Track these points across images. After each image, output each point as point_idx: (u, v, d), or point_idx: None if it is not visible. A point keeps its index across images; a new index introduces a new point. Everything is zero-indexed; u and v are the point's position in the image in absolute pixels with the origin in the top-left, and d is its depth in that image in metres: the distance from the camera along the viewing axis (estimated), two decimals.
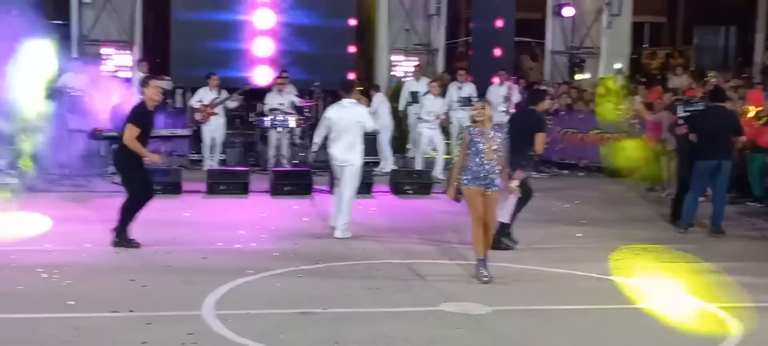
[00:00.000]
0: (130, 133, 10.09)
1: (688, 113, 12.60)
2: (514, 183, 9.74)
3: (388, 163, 17.41)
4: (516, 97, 18.51)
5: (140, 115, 10.27)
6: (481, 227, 8.99)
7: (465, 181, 8.99)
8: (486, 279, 8.91)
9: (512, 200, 10.28)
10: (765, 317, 8.04)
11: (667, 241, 11.51)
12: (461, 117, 17.79)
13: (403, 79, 20.50)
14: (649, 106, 16.33)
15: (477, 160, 8.93)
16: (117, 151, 10.71)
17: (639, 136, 16.34)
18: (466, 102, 17.73)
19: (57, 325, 7.26)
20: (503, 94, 18.04)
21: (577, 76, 21.93)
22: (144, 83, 10.58)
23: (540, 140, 10.47)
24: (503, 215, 10.27)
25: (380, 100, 18.08)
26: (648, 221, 12.93)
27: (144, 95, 10.41)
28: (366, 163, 17.44)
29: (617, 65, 22.01)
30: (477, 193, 8.96)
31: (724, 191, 11.91)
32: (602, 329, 7.62)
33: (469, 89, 18.32)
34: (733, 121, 12.02)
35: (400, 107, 18.87)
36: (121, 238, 10.26)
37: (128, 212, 10.31)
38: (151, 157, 10.46)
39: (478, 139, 8.95)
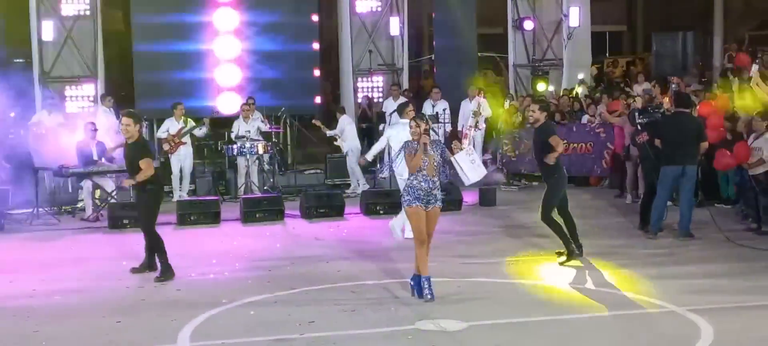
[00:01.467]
0: (150, 166, 10.31)
1: (645, 121, 12.73)
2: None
3: (359, 184, 17.45)
4: (486, 112, 18.61)
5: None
6: (424, 247, 9.01)
7: (408, 200, 9.01)
8: (428, 299, 8.88)
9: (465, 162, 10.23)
10: (735, 319, 8.16)
11: (638, 247, 11.65)
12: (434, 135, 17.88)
13: (379, 100, 20.63)
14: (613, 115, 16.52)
15: (419, 177, 8.96)
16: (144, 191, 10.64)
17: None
18: (434, 119, 17.82)
19: None
20: (473, 109, 18.13)
21: (542, 86, 22.09)
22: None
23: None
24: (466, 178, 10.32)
25: (347, 121, 18.14)
26: (618, 228, 13.06)
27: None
28: (337, 186, 17.66)
29: (580, 75, 22.22)
30: (419, 212, 8.96)
31: (690, 195, 12.05)
32: (578, 339, 7.68)
33: (442, 106, 18.43)
34: (697, 126, 12.17)
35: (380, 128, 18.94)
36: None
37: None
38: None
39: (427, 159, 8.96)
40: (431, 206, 9.02)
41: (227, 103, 19.75)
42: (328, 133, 18.06)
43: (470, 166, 10.32)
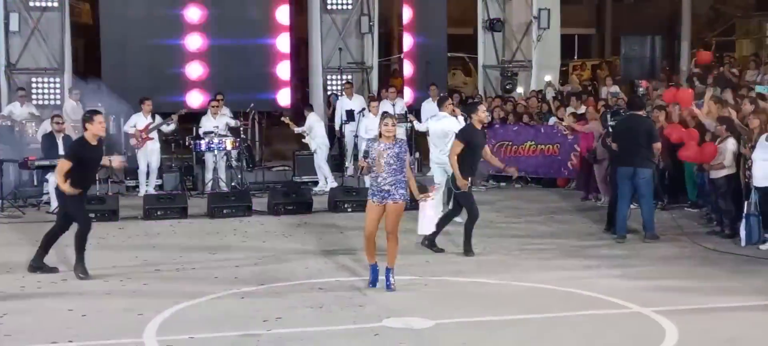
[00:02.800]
0: (61, 167, 10.03)
1: (613, 123, 12.91)
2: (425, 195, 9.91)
3: (328, 181, 17.42)
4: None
5: (77, 151, 10.17)
6: (371, 240, 9.31)
7: (369, 195, 9.35)
8: (368, 285, 9.32)
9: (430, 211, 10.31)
10: (700, 320, 8.26)
11: (603, 248, 11.73)
12: (399, 133, 17.90)
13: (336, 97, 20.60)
14: (582, 117, 16.63)
15: (372, 174, 9.25)
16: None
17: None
18: (402, 119, 17.84)
19: None
20: (434, 108, 18.19)
21: (509, 87, 22.19)
22: (87, 119, 10.28)
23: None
24: (427, 226, 10.41)
25: (315, 119, 18.10)
26: (584, 230, 13.14)
27: (86, 130, 10.23)
28: (305, 183, 17.63)
29: (547, 77, 22.34)
30: (375, 208, 9.24)
31: (648, 197, 12.13)
32: (543, 339, 7.73)
33: (400, 105, 18.45)
34: (648, 128, 12.29)
35: (336, 126, 18.99)
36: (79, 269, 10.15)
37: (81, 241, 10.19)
38: (66, 190, 9.96)
39: (373, 155, 9.21)
40: (387, 201, 9.18)
41: (195, 99, 19.65)
42: (297, 130, 18.02)
43: (428, 217, 10.30)
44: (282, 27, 20.80)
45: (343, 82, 20.42)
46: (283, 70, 20.86)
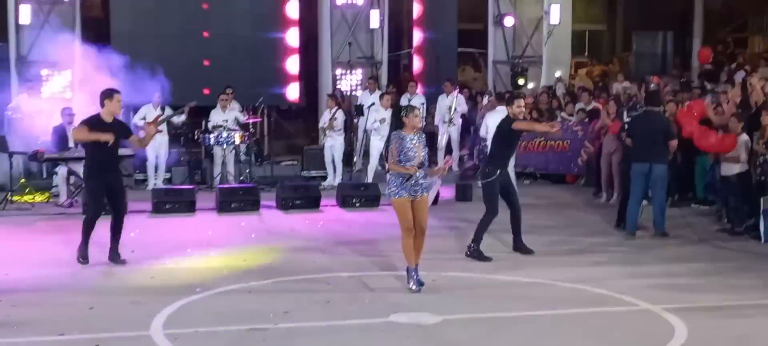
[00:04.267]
0: (77, 132, 10.19)
1: (630, 119, 12.85)
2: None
3: (337, 176, 17.38)
4: (462, 107, 18.64)
5: (89, 122, 10.21)
6: (412, 236, 9.05)
7: (393, 191, 9.03)
8: (414, 289, 8.98)
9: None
10: (709, 318, 8.21)
11: (613, 245, 11.69)
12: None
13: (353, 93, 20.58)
14: (593, 113, 16.57)
15: (409, 166, 8.96)
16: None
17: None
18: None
19: None
20: (448, 104, 18.17)
21: (520, 82, 22.12)
22: (108, 96, 10.31)
23: None
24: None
25: (341, 114, 18.02)
26: (594, 227, 13.10)
27: (104, 107, 10.27)
28: (313, 178, 17.61)
29: (557, 73, 22.28)
30: (406, 203, 9.01)
31: (661, 194, 12.08)
32: (551, 335, 7.70)
33: (418, 101, 18.42)
34: (666, 125, 12.23)
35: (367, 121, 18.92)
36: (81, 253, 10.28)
37: (86, 226, 10.32)
38: (103, 138, 10.01)
39: (409, 146, 8.98)
40: (418, 196, 9.03)
41: (205, 92, 19.61)
42: (327, 125, 17.68)
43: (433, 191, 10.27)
44: (292, 21, 20.77)
45: (368, 77, 20.40)
46: (293, 64, 20.83)
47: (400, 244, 9.20)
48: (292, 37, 20.81)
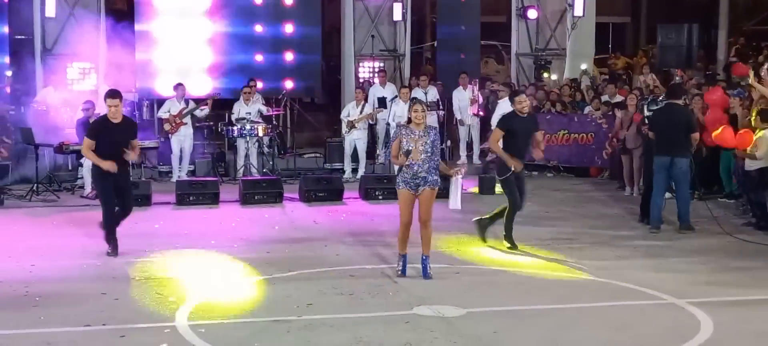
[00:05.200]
0: (85, 145, 10.28)
1: (651, 112, 12.78)
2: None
3: (361, 169, 17.40)
4: (480, 99, 18.60)
5: (98, 126, 10.29)
6: (407, 228, 9.24)
7: (398, 182, 9.23)
8: (398, 273, 9.25)
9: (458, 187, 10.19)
10: (736, 312, 8.15)
11: (637, 239, 11.63)
12: (430, 122, 17.90)
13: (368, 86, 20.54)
14: (618, 106, 16.48)
15: (407, 162, 9.10)
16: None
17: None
18: (434, 106, 17.82)
19: (29, 341, 7.20)
20: (469, 97, 18.13)
21: (546, 76, 22.03)
22: (110, 96, 10.40)
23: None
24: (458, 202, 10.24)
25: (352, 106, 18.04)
26: (618, 220, 13.04)
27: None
28: (336, 170, 17.64)
29: (583, 66, 22.16)
30: (408, 196, 9.16)
31: (685, 187, 12.00)
32: (575, 328, 7.67)
33: (433, 94, 18.39)
34: (687, 118, 12.13)
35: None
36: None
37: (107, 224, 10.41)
38: (104, 166, 10.15)
39: (407, 141, 9.10)
40: (421, 189, 9.13)
41: (228, 85, 19.65)
42: (357, 118, 17.65)
43: (460, 195, 10.17)
44: (315, 14, 20.70)
45: (377, 69, 20.36)
46: (315, 57, 20.79)
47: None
48: (316, 29, 20.75)
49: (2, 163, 16.15)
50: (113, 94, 10.39)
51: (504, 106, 15.61)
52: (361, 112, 17.50)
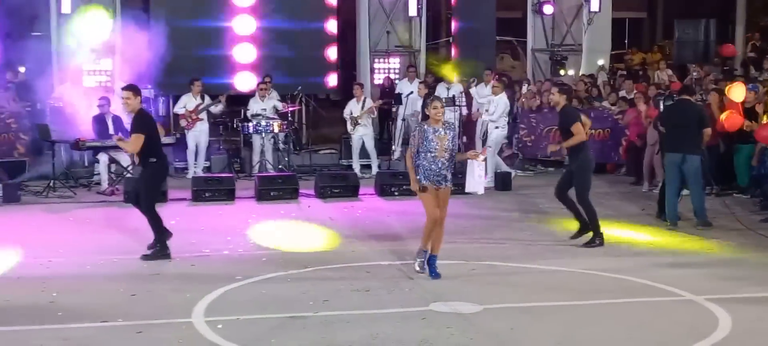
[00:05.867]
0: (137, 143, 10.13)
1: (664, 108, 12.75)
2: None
3: (373, 164, 17.40)
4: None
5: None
6: (433, 224, 9.10)
7: (422, 180, 9.08)
8: (418, 271, 9.14)
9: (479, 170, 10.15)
10: (754, 309, 8.09)
11: (655, 235, 11.57)
12: (449, 117, 17.88)
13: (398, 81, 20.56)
14: (632, 102, 16.43)
15: (429, 157, 9.02)
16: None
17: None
18: (451, 102, 17.79)
19: (46, 336, 7.22)
20: (486, 93, 18.08)
21: (563, 72, 21.96)
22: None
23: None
24: (476, 185, 10.19)
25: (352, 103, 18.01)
26: (635, 216, 12.98)
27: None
28: (351, 167, 17.63)
29: (600, 61, 22.08)
30: (432, 191, 9.08)
31: (698, 183, 11.92)
32: (592, 325, 7.63)
33: (456, 89, 18.35)
34: (699, 114, 12.07)
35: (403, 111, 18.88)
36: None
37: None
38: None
39: (431, 138, 9.01)
40: (442, 187, 9.09)
41: (243, 81, 19.69)
42: (359, 113, 17.63)
43: (477, 178, 10.16)
44: (330, 10, 20.75)
45: (407, 66, 20.38)
46: (331, 53, 20.83)
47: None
48: (331, 25, 20.79)
49: (19, 160, 16.21)
50: (126, 88, 10.42)
51: (501, 102, 15.64)
52: (362, 108, 17.49)
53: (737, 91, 13.15)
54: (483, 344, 7.05)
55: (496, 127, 16.08)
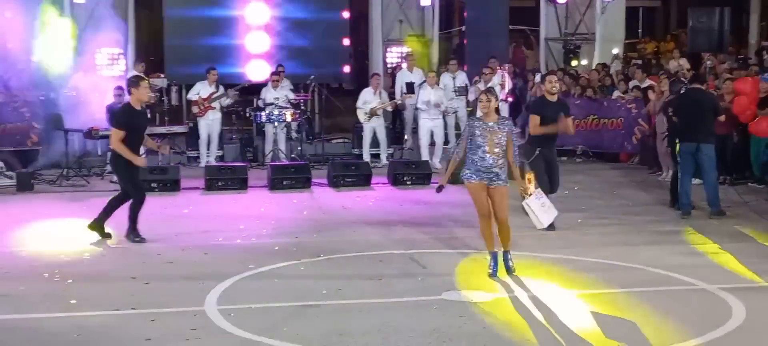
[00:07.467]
0: (115, 137, 10.11)
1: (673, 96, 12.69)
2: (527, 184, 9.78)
3: (383, 155, 17.40)
4: (508, 84, 18.51)
5: (123, 117, 10.28)
6: (487, 220, 8.78)
7: (467, 175, 8.76)
8: (489, 273, 8.75)
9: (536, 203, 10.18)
10: (767, 298, 8.05)
11: (668, 224, 11.53)
12: (458, 107, 17.88)
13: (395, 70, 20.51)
14: (645, 91, 16.35)
15: (479, 153, 8.68)
16: (111, 154, 10.71)
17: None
18: (463, 91, 17.77)
19: (60, 325, 7.24)
20: (498, 82, 18.03)
21: (575, 63, 21.89)
22: (133, 83, 10.46)
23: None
24: (545, 219, 10.29)
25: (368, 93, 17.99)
26: (648, 205, 12.94)
27: (131, 95, 10.37)
28: (359, 156, 17.63)
29: (614, 50, 21.99)
30: (480, 187, 8.73)
31: (711, 172, 11.85)
32: (605, 314, 7.60)
33: (462, 78, 18.31)
34: (712, 102, 12.00)
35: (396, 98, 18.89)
36: (131, 235, 10.34)
37: (132, 212, 10.36)
38: (136, 161, 10.28)
39: (480, 133, 8.70)
40: (494, 185, 8.71)
41: (256, 71, 19.70)
42: (377, 105, 17.61)
43: (541, 209, 10.17)
44: None
45: (405, 53, 20.28)
46: (343, 42, 20.80)
47: (451, 221, 9.16)
48: (344, 15, 20.76)
49: (32, 149, 16.28)
50: (142, 77, 10.47)
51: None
52: (379, 99, 17.45)
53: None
54: (496, 334, 7.04)
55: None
